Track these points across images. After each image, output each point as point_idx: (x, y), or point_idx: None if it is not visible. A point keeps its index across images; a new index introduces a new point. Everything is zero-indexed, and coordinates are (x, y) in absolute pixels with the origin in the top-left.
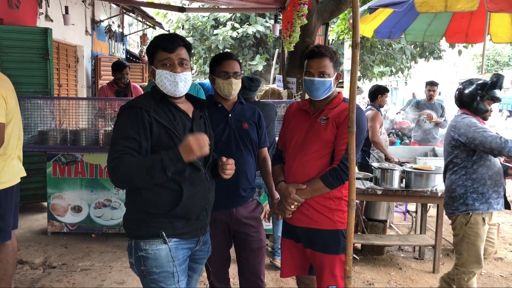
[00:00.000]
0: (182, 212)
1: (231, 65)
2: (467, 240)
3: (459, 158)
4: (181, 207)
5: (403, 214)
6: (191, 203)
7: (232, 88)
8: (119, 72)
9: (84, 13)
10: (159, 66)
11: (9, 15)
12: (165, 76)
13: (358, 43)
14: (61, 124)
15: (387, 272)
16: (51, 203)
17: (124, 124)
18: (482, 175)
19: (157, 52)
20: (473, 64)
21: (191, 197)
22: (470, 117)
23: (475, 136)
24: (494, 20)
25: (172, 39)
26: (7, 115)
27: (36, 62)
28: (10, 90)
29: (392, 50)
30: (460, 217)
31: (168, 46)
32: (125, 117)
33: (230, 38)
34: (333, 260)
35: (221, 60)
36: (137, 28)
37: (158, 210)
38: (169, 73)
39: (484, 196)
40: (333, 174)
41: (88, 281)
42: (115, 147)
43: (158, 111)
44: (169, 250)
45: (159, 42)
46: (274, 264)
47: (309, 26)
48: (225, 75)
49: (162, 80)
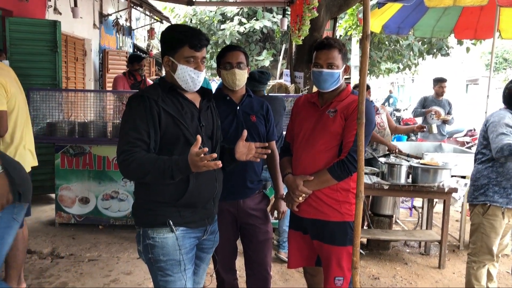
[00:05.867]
0: (189, 201)
1: (234, 55)
2: (482, 231)
3: (488, 149)
4: (188, 196)
5: (409, 210)
6: (198, 192)
7: (236, 79)
8: (137, 63)
9: (92, 6)
10: (183, 62)
11: (19, 8)
12: (188, 73)
13: (369, 34)
14: (70, 116)
15: (393, 266)
16: (59, 194)
17: (133, 115)
18: (509, 170)
19: (182, 47)
20: (481, 62)
21: (197, 187)
22: (506, 113)
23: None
24: (503, 16)
25: (199, 37)
26: (9, 102)
27: (44, 54)
28: (11, 78)
29: (399, 46)
30: (478, 206)
31: (196, 44)
32: (133, 107)
33: (237, 33)
34: (340, 251)
35: (225, 52)
36: (145, 22)
37: (166, 199)
38: (193, 71)
39: (506, 190)
40: (341, 166)
41: (96, 271)
42: (125, 138)
43: (166, 101)
44: (176, 239)
45: (185, 38)
46: (280, 257)
47: (317, 21)
48: (228, 66)
49: (185, 76)
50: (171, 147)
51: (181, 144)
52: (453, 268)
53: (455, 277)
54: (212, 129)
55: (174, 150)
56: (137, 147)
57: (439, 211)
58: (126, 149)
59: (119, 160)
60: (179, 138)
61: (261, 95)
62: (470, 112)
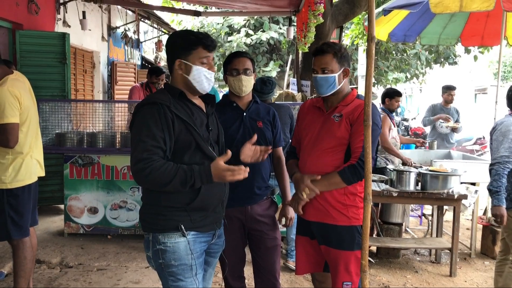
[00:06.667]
0: (200, 205)
1: (241, 62)
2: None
3: None
4: (199, 200)
5: (418, 218)
6: (209, 196)
7: (243, 85)
8: (155, 76)
9: (101, 19)
10: (198, 63)
11: (29, 21)
12: (204, 74)
13: (374, 36)
14: (78, 126)
15: (403, 275)
16: (68, 204)
17: (147, 121)
18: None
19: (197, 48)
20: (490, 71)
21: (209, 190)
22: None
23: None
24: (510, 23)
25: (211, 39)
26: (21, 115)
27: (54, 66)
28: (26, 90)
29: (406, 56)
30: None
31: (210, 45)
32: (147, 114)
33: (244, 44)
34: (348, 256)
35: (231, 58)
36: (152, 35)
37: (176, 203)
38: (207, 72)
39: None
40: (352, 171)
41: (104, 281)
42: (142, 146)
43: (177, 107)
44: (187, 243)
45: (200, 40)
46: (288, 266)
47: (323, 29)
48: (235, 72)
49: (200, 77)
50: (183, 153)
51: (192, 150)
52: (465, 276)
53: (466, 285)
54: (217, 134)
55: (185, 155)
56: (155, 154)
57: (449, 220)
58: (144, 157)
59: (137, 168)
60: (191, 144)
61: (268, 103)
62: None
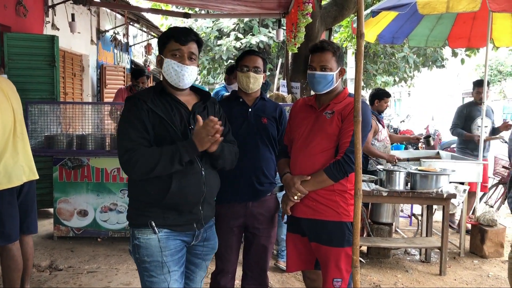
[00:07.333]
0: (172, 202)
1: (252, 59)
2: None
3: None
4: (170, 198)
5: (408, 218)
6: (181, 195)
7: (250, 82)
8: (134, 79)
9: (90, 22)
10: (169, 56)
11: (17, 23)
12: (172, 66)
13: (363, 33)
14: (67, 129)
15: (394, 274)
16: (57, 207)
17: (130, 115)
18: None
19: (169, 42)
20: (477, 75)
21: (181, 189)
22: None
23: None
24: (496, 24)
25: (186, 32)
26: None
27: (42, 69)
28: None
29: (395, 59)
30: None
31: (181, 38)
32: (129, 108)
33: (234, 48)
34: (338, 253)
35: (244, 55)
36: (142, 39)
37: (150, 199)
38: (176, 64)
39: None
40: (337, 167)
41: (95, 283)
42: (127, 137)
43: (155, 102)
44: (158, 241)
45: (173, 33)
46: (279, 266)
47: (312, 31)
48: (245, 68)
49: (169, 70)
50: None
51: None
52: (454, 275)
53: (456, 283)
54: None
55: None
56: (139, 144)
57: (438, 220)
58: (130, 147)
59: (124, 159)
60: (165, 138)
61: None
62: None
